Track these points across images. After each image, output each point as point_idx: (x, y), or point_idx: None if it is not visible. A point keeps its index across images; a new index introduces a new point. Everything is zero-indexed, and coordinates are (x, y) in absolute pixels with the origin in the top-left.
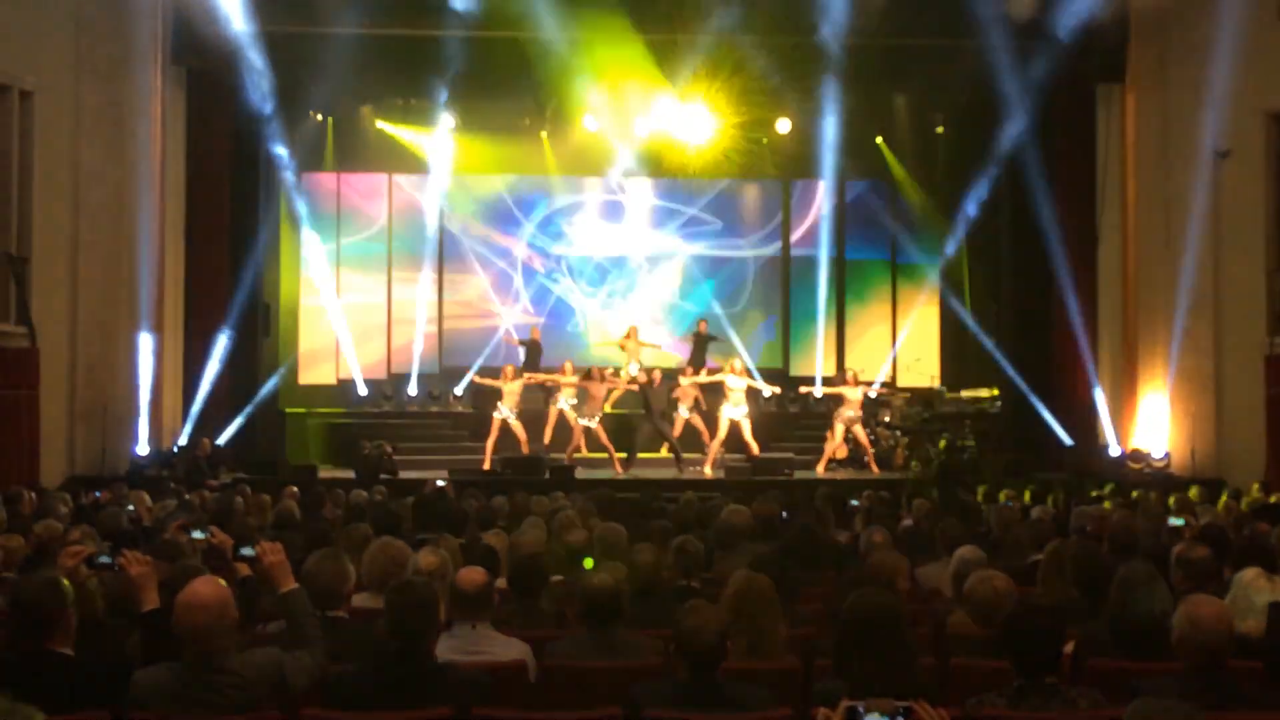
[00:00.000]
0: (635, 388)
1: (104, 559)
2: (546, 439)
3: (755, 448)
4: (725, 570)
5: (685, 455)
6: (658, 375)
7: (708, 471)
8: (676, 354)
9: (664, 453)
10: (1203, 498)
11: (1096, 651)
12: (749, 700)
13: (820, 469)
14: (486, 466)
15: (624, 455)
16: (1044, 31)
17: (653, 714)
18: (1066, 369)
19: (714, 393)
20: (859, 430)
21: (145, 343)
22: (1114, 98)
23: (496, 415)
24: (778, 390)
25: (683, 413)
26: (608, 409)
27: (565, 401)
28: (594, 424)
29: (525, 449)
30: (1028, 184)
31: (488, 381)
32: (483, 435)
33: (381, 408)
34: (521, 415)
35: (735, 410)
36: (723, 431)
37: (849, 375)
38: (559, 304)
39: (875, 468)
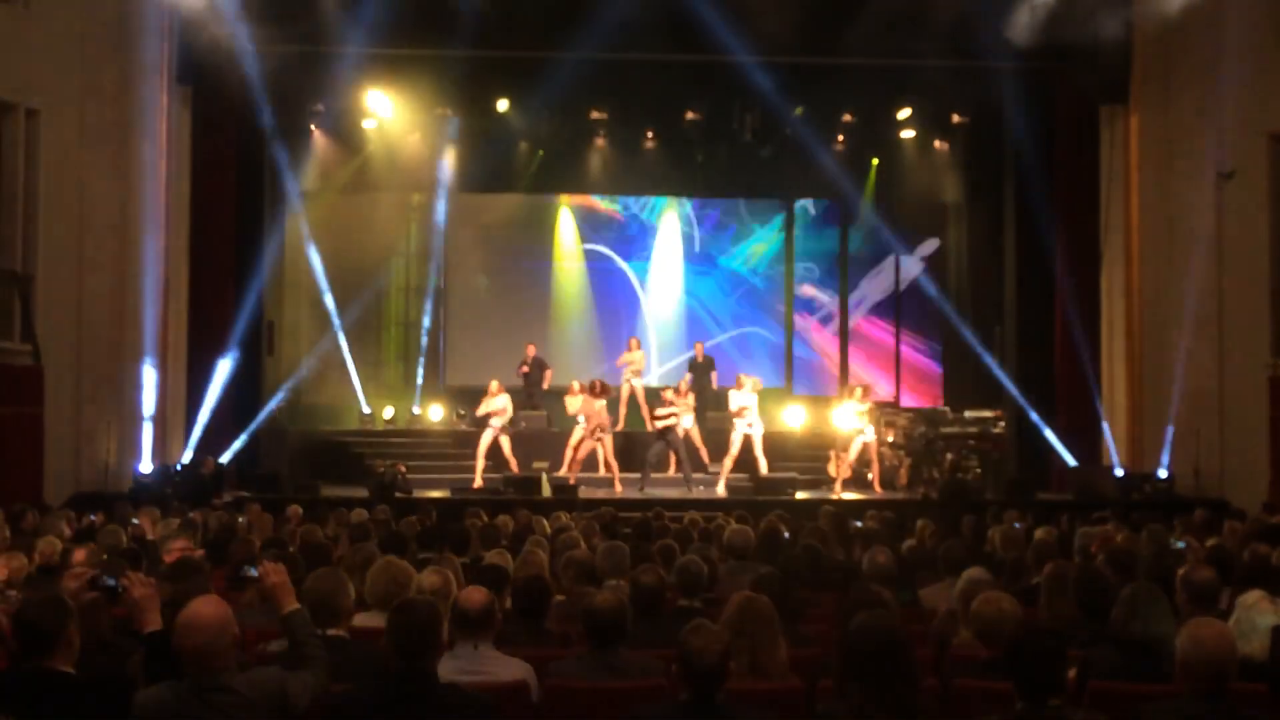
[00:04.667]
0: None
1: (108, 580)
2: (565, 460)
3: (763, 465)
4: (727, 590)
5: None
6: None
7: (720, 490)
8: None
9: (673, 471)
10: (1206, 519)
11: (1100, 674)
12: None
13: (839, 488)
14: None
15: (637, 475)
16: (1048, 53)
17: None
18: (1070, 389)
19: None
20: (869, 446)
21: (149, 360)
22: (1117, 118)
23: (486, 432)
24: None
25: (685, 423)
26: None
27: (580, 420)
28: (596, 439)
29: (514, 468)
30: (1031, 204)
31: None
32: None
33: (383, 426)
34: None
35: (747, 427)
36: (734, 449)
37: (853, 390)
38: (566, 316)
39: (878, 488)
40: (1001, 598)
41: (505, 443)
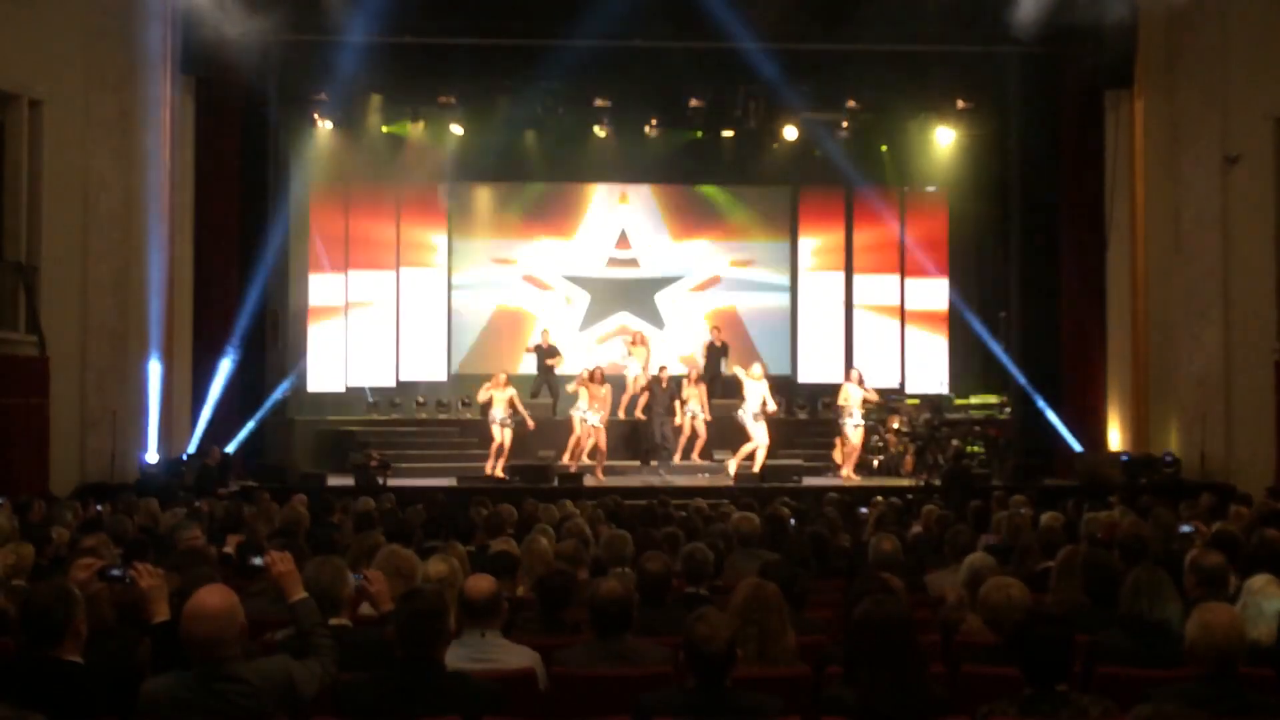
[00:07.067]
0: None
1: (115, 571)
2: (568, 448)
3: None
4: (734, 577)
5: (699, 460)
6: (665, 376)
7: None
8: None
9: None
10: (1212, 503)
11: (1107, 658)
12: (758, 708)
13: (847, 472)
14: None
15: (638, 462)
16: (1053, 37)
17: None
18: (1076, 374)
19: (735, 396)
20: (858, 430)
21: (154, 350)
22: (1123, 103)
23: (493, 425)
24: (775, 408)
25: (693, 409)
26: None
27: (579, 407)
28: (597, 423)
29: (505, 458)
30: (1037, 189)
31: (484, 393)
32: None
33: (389, 415)
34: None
35: (750, 415)
36: (754, 435)
37: (853, 375)
38: (567, 310)
39: (853, 472)
40: (1010, 584)
41: (508, 435)
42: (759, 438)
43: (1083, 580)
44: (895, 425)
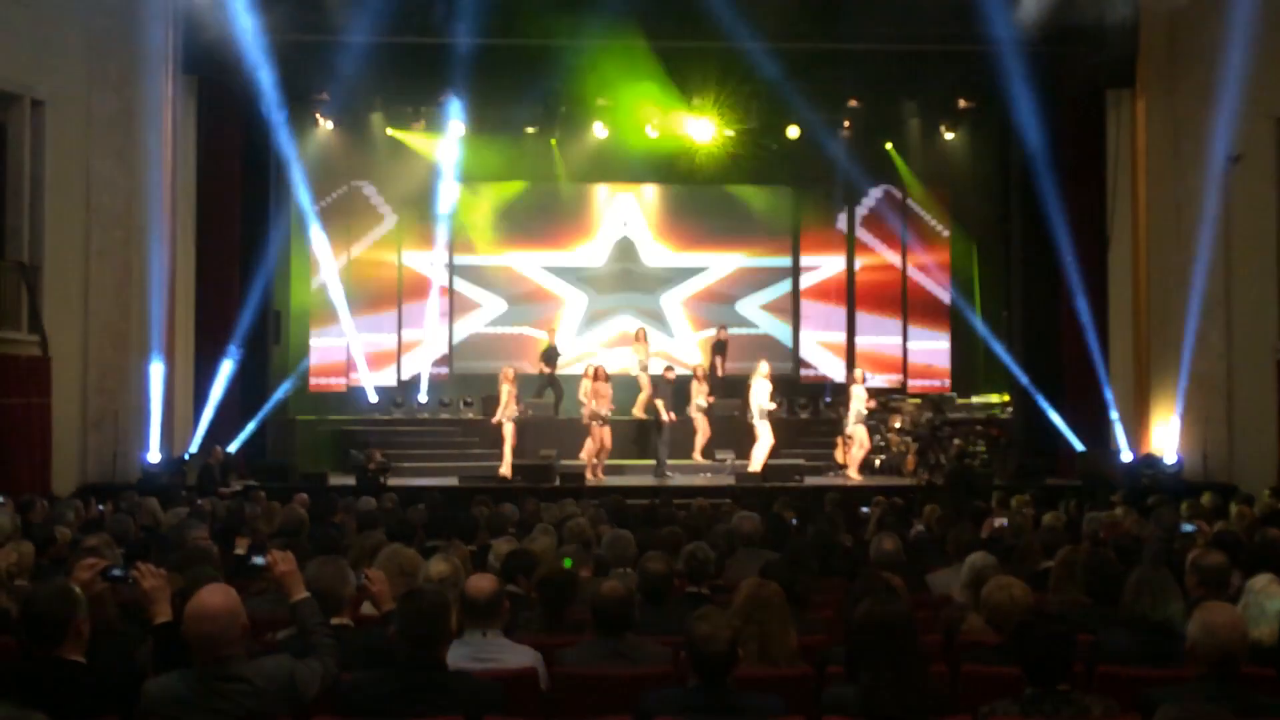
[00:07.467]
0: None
1: (117, 572)
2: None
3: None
4: (735, 577)
5: (701, 461)
6: (671, 375)
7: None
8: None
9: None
10: (1215, 503)
11: (1109, 658)
12: (759, 708)
13: (855, 474)
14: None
15: (654, 462)
16: (1054, 36)
17: None
18: (1078, 374)
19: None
20: (859, 430)
21: (156, 350)
22: (1124, 103)
23: (503, 421)
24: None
25: (696, 404)
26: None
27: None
28: (600, 422)
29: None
30: (1038, 189)
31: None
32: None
33: (391, 414)
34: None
35: (757, 414)
36: (761, 434)
37: (856, 375)
38: (569, 310)
39: (855, 472)
40: (1012, 583)
41: (510, 431)
42: (769, 436)
43: (1084, 580)
44: (897, 425)
